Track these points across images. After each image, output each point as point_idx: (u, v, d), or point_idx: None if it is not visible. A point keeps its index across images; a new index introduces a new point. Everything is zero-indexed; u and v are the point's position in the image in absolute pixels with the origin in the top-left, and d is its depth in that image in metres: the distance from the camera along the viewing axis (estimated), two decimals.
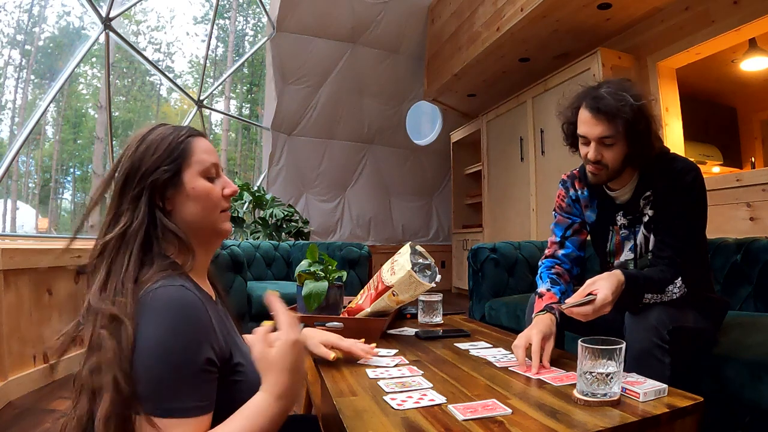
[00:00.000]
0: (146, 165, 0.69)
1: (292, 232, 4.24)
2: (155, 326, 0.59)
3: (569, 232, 1.39)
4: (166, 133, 0.73)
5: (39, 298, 2.23)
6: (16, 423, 1.76)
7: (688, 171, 1.17)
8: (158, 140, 0.72)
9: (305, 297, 1.35)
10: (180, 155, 0.72)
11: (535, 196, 3.97)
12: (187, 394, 0.58)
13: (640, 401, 0.75)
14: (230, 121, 7.48)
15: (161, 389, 0.57)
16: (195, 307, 0.62)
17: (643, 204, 1.25)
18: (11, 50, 7.72)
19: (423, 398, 0.78)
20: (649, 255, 1.26)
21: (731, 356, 1.17)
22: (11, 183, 7.79)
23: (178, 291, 0.62)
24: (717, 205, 2.59)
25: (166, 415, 0.56)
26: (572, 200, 1.40)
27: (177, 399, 0.57)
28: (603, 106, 1.13)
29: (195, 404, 0.58)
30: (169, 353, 0.58)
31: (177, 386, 0.57)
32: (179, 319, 0.60)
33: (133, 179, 0.69)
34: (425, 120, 6.62)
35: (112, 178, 0.71)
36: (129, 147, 0.72)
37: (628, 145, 1.15)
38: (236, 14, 10.54)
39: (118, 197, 0.70)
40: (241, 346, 0.74)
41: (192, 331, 0.60)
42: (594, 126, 1.16)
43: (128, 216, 0.68)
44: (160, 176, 0.70)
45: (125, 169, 0.70)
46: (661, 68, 3.20)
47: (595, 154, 1.17)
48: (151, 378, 0.57)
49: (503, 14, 3.63)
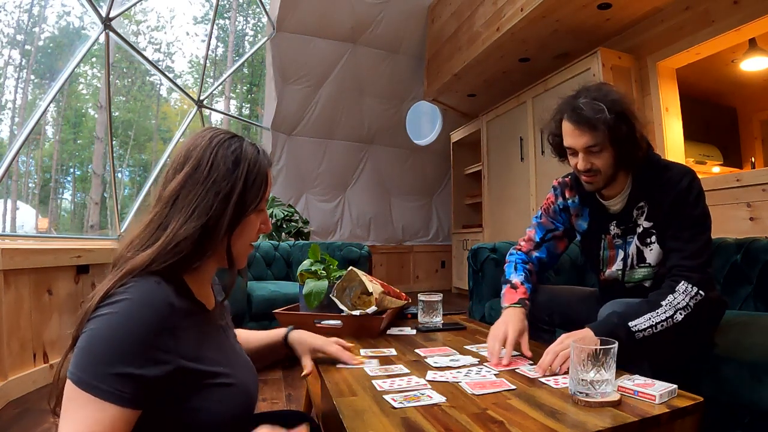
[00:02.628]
0: (242, 191, 0.70)
1: (292, 232, 4.24)
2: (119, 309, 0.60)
3: (549, 236, 1.42)
4: (259, 161, 0.74)
5: (39, 298, 2.24)
6: (16, 423, 1.76)
7: (683, 176, 1.16)
8: (254, 168, 0.72)
9: (306, 295, 1.37)
10: (264, 190, 0.74)
11: (535, 196, 3.97)
12: (109, 376, 0.57)
13: (656, 403, 0.74)
14: (230, 121, 7.49)
15: (89, 360, 0.57)
16: (159, 310, 0.62)
17: (636, 214, 1.24)
18: (11, 50, 7.74)
19: (423, 398, 0.78)
20: (638, 268, 1.26)
21: (731, 357, 1.17)
22: (11, 183, 7.80)
23: (154, 292, 0.63)
24: (717, 205, 2.59)
25: (84, 387, 0.56)
26: (560, 208, 1.41)
27: (99, 377, 0.57)
28: (584, 117, 1.15)
29: (115, 390, 0.57)
30: (114, 335, 0.58)
31: (102, 365, 0.57)
32: (128, 315, 0.60)
33: (228, 197, 0.69)
34: (425, 120, 6.62)
35: (190, 175, 0.70)
36: (215, 154, 0.71)
37: (615, 149, 1.17)
38: (236, 14, 10.55)
39: (200, 200, 0.68)
40: (229, 352, 0.75)
41: (144, 327, 0.60)
42: (578, 137, 1.18)
43: (200, 221, 0.68)
44: (249, 208, 0.72)
45: (216, 181, 0.69)
46: (661, 68, 3.20)
47: (585, 163, 1.19)
48: (85, 347, 0.58)
49: (503, 14, 3.63)
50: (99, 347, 0.58)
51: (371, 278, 1.39)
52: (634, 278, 1.28)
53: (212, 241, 0.69)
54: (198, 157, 0.70)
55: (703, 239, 1.14)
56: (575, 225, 1.40)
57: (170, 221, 0.68)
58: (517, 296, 1.26)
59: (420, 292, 1.48)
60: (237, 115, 9.16)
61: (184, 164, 0.70)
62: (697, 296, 1.07)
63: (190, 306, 0.69)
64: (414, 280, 6.15)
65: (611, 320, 1.04)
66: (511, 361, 1.00)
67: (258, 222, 0.76)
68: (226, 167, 0.70)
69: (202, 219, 0.67)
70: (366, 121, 5.87)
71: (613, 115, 1.13)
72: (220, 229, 0.69)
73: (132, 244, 0.68)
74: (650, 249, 1.23)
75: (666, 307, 1.05)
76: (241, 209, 0.71)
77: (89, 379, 0.56)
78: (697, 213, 1.14)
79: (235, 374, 0.72)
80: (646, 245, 1.24)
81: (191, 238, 0.67)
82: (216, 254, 0.72)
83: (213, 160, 0.70)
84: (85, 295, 2.57)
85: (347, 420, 0.70)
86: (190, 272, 0.71)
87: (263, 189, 0.74)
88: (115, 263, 0.67)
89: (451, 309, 1.64)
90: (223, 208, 0.69)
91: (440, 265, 6.33)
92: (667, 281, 1.11)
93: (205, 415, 0.64)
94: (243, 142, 0.74)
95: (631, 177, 1.24)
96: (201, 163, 0.70)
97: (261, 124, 5.63)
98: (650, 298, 1.09)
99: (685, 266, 1.10)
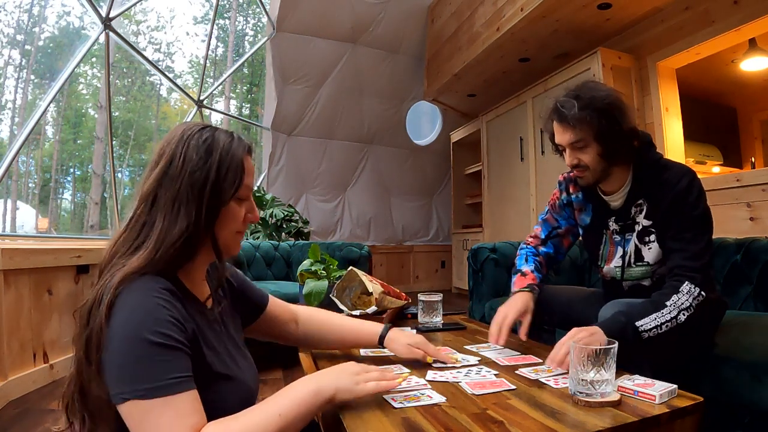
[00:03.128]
0: (216, 179, 0.69)
1: (292, 232, 4.24)
2: (120, 316, 0.61)
3: (554, 233, 1.46)
4: (232, 148, 0.72)
5: (39, 298, 2.23)
6: (16, 423, 1.76)
7: (682, 176, 1.16)
8: (227, 156, 0.71)
9: (306, 295, 1.37)
10: (241, 177, 0.72)
11: (535, 196, 3.97)
12: (159, 371, 0.58)
13: (656, 403, 0.74)
14: (230, 121, 7.49)
15: (132, 372, 0.58)
16: (152, 300, 0.63)
17: (635, 212, 1.25)
18: (11, 50, 7.73)
19: (423, 398, 0.78)
20: (635, 266, 1.26)
21: (731, 357, 1.17)
22: (11, 183, 7.79)
23: (154, 290, 0.64)
24: (717, 205, 2.58)
25: (153, 395, 0.57)
26: (564, 203, 1.44)
27: (151, 378, 0.58)
28: (564, 115, 1.19)
29: (173, 379, 0.59)
30: (129, 335, 0.59)
31: (145, 366, 0.58)
32: (137, 308, 0.62)
33: (203, 189, 0.68)
34: (425, 120, 6.62)
35: (166, 172, 0.69)
36: (187, 146, 0.70)
37: (600, 144, 1.19)
38: (236, 14, 10.55)
39: (179, 195, 0.68)
40: (230, 348, 0.75)
41: (149, 313, 0.61)
42: (562, 134, 1.23)
43: (186, 219, 0.67)
44: (226, 197, 0.70)
45: (191, 173, 0.68)
46: (661, 68, 3.20)
47: (571, 158, 1.23)
48: (119, 363, 0.58)
49: (503, 14, 3.63)
50: (137, 356, 0.58)
51: (371, 278, 1.40)
52: (631, 276, 1.28)
53: (198, 237, 0.69)
54: (170, 151, 0.70)
55: (705, 240, 1.14)
56: (578, 219, 1.41)
57: (154, 220, 0.68)
58: (527, 281, 1.31)
59: (420, 292, 1.48)
60: (237, 115, 9.16)
61: (158, 161, 0.70)
62: (699, 297, 1.07)
63: (187, 301, 0.69)
64: (414, 280, 6.15)
65: (619, 319, 1.04)
66: (518, 357, 1.02)
67: (242, 211, 0.74)
68: (198, 157, 0.69)
69: (191, 215, 0.67)
70: (366, 121, 5.87)
71: (593, 110, 1.16)
72: (201, 221, 0.68)
73: (117, 248, 0.68)
74: (649, 248, 1.24)
75: (671, 307, 1.05)
76: (218, 198, 0.70)
77: (153, 385, 0.57)
78: (697, 213, 1.14)
79: (235, 369, 0.73)
80: (645, 244, 1.24)
81: (182, 236, 0.67)
82: (205, 248, 0.72)
83: (185, 152, 0.69)
84: (85, 295, 2.57)
85: (347, 420, 0.70)
86: (182, 269, 0.71)
87: (240, 175, 0.72)
88: (103, 269, 0.67)
89: (451, 309, 1.64)
90: (201, 200, 0.68)
91: (440, 265, 6.32)
92: (669, 281, 1.11)
93: (204, 407, 0.64)
94: (215, 132, 0.73)
95: (632, 174, 1.25)
96: (174, 158, 0.69)
97: (261, 124, 5.63)
98: (654, 298, 1.09)
99: (687, 267, 1.10)
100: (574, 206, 1.41)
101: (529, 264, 1.39)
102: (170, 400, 0.57)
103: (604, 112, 1.16)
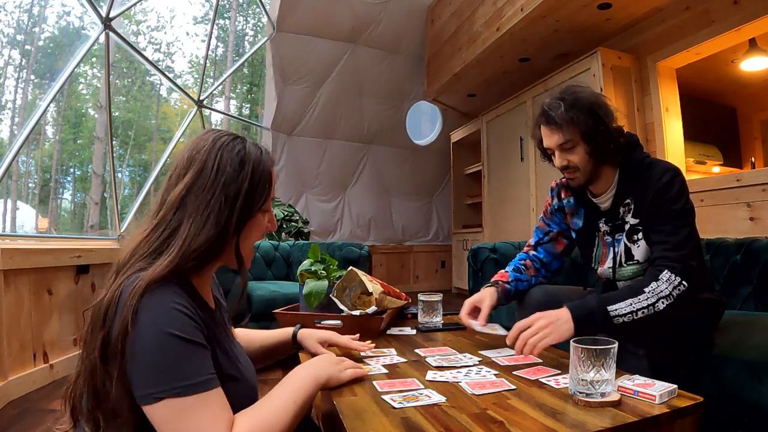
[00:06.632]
0: (248, 191, 0.71)
1: (292, 232, 4.24)
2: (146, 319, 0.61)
3: (546, 238, 1.48)
4: (263, 161, 0.75)
5: (39, 298, 2.23)
6: (16, 423, 1.76)
7: (665, 172, 1.18)
8: (258, 168, 0.73)
9: (306, 295, 1.37)
10: (269, 190, 0.75)
11: (535, 196, 3.97)
12: (195, 368, 0.60)
13: (656, 403, 0.74)
14: (230, 121, 7.49)
15: (167, 370, 0.59)
16: (177, 303, 0.64)
17: (623, 212, 1.26)
18: (11, 50, 7.73)
19: (423, 398, 0.78)
20: (626, 265, 1.27)
21: (731, 356, 1.17)
22: (11, 183, 7.79)
23: (176, 294, 0.65)
24: (717, 205, 2.58)
25: (189, 393, 0.58)
26: (555, 209, 1.46)
27: (188, 375, 0.59)
28: (551, 118, 1.23)
29: (209, 375, 0.61)
30: (162, 335, 0.60)
31: (181, 363, 0.59)
32: (164, 310, 0.62)
33: (236, 199, 0.70)
34: (425, 120, 6.62)
35: (197, 178, 0.70)
36: (220, 157, 0.71)
37: (587, 143, 1.21)
38: (236, 14, 10.56)
39: (210, 204, 0.69)
40: (234, 350, 0.77)
41: (178, 315, 0.63)
42: (550, 136, 1.26)
43: (215, 228, 0.68)
44: (256, 208, 0.73)
45: (225, 184, 0.70)
46: (661, 68, 3.20)
47: (561, 160, 1.25)
48: (151, 363, 0.59)
49: (503, 14, 3.63)
50: (171, 354, 0.59)
51: (371, 278, 1.39)
52: (624, 276, 1.29)
53: (223, 245, 0.70)
54: (203, 160, 0.70)
55: (685, 232, 1.14)
56: (570, 223, 1.43)
57: (179, 226, 0.68)
58: (495, 279, 1.39)
59: (420, 292, 1.48)
60: (237, 115, 9.16)
61: (188, 168, 0.70)
62: (680, 287, 1.06)
63: (200, 306, 0.70)
64: (414, 280, 6.15)
65: (590, 303, 1.05)
66: (518, 357, 1.03)
67: (265, 221, 0.77)
68: (232, 169, 0.70)
69: (220, 224, 0.68)
70: (366, 121, 5.87)
71: (579, 110, 1.18)
72: (230, 231, 0.70)
73: (138, 251, 0.68)
74: (637, 246, 1.25)
75: (648, 294, 1.05)
76: (249, 210, 0.72)
77: (191, 382, 0.59)
78: (678, 207, 1.15)
79: (240, 369, 0.74)
80: (634, 242, 1.25)
81: (208, 243, 0.67)
82: (224, 255, 0.73)
83: (219, 162, 0.70)
84: (85, 295, 2.57)
85: (347, 420, 0.70)
86: (196, 274, 0.71)
87: (268, 188, 0.75)
88: (120, 268, 0.67)
89: (451, 309, 1.64)
90: (231, 211, 0.69)
91: (440, 265, 6.32)
92: (650, 270, 1.12)
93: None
94: (246, 143, 0.75)
95: (618, 174, 1.26)
96: (206, 167, 0.70)
97: (261, 124, 5.63)
98: (633, 284, 1.10)
99: (667, 257, 1.10)
100: (565, 211, 1.43)
101: (510, 266, 1.45)
102: (206, 397, 0.59)
103: (590, 112, 1.19)
